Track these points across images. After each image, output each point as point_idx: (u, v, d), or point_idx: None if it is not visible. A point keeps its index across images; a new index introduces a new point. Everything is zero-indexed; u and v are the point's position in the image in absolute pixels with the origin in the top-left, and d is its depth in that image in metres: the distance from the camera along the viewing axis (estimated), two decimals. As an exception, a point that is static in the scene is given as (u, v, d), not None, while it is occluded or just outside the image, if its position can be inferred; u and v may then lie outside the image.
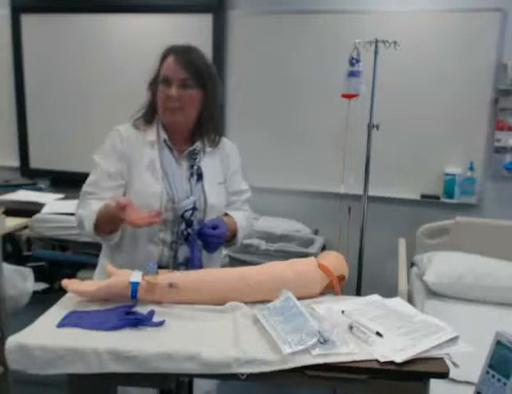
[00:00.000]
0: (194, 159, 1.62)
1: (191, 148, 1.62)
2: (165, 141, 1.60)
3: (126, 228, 1.55)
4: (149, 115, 1.62)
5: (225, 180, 1.70)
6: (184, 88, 1.53)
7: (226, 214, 1.68)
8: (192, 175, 1.60)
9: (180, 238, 1.57)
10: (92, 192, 1.56)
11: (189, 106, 1.55)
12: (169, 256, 1.58)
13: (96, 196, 1.54)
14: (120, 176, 1.57)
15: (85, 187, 1.59)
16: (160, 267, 1.46)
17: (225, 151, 1.72)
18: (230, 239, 1.66)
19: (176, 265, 1.58)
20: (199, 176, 1.61)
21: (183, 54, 1.54)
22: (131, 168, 1.57)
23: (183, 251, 1.58)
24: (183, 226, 1.56)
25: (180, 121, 1.57)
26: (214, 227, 1.54)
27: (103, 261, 1.66)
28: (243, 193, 1.77)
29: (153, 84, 1.58)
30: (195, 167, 1.61)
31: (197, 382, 1.66)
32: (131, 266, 1.42)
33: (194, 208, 1.57)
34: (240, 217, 1.70)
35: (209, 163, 1.65)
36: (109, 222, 1.46)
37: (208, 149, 1.65)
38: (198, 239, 1.56)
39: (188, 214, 1.56)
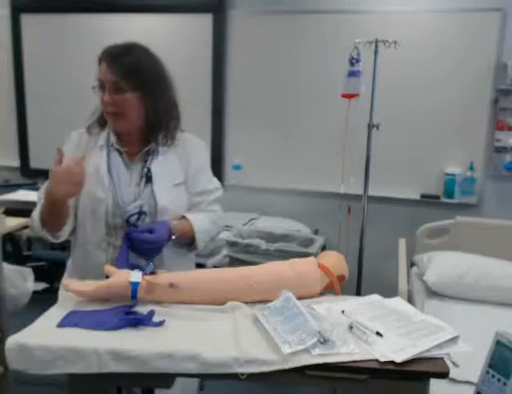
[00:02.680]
0: (145, 161, 1.57)
1: (144, 150, 1.58)
2: (112, 145, 1.57)
3: (77, 238, 1.57)
4: (102, 119, 1.60)
5: (185, 181, 1.62)
6: (117, 92, 1.48)
7: (184, 217, 1.58)
8: (141, 177, 1.56)
9: None
10: (43, 197, 1.54)
11: (127, 110, 1.50)
12: None
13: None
14: None
15: (38, 192, 1.60)
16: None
17: (185, 149, 1.63)
18: (191, 242, 1.61)
19: None
20: (149, 179, 1.55)
21: (113, 57, 1.50)
22: None
23: (132, 256, 1.51)
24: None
25: (121, 125, 1.53)
26: (150, 231, 1.46)
27: (69, 263, 1.67)
28: (210, 193, 1.68)
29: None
30: (145, 169, 1.56)
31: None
32: (84, 271, 1.45)
33: (140, 213, 1.52)
34: (200, 220, 1.61)
35: (163, 164, 1.58)
36: (50, 208, 1.45)
37: (161, 149, 1.58)
38: (127, 243, 1.47)
39: (133, 219, 1.51)
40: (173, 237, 1.52)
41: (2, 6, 3.85)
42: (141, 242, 1.46)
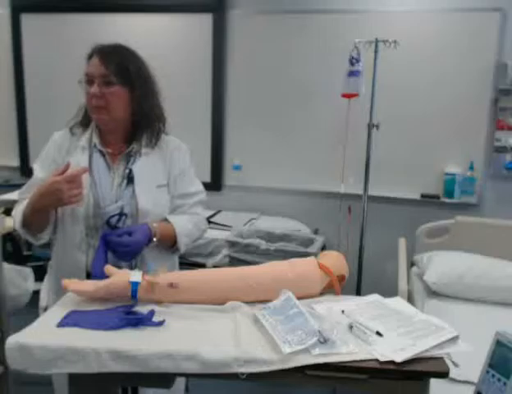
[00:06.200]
0: (127, 162, 1.57)
1: (127, 151, 1.58)
2: (95, 145, 1.57)
3: (57, 238, 1.56)
4: (86, 119, 1.60)
5: (168, 183, 1.62)
6: (106, 85, 1.49)
7: (166, 219, 1.59)
8: (123, 179, 1.55)
9: None
10: (24, 197, 1.55)
11: (113, 103, 1.50)
12: None
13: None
14: None
15: (19, 192, 1.61)
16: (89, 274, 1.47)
17: (168, 151, 1.63)
18: (172, 245, 1.61)
19: None
20: (130, 180, 1.54)
21: (105, 52, 1.51)
22: None
23: (111, 257, 1.50)
24: None
25: (106, 119, 1.52)
26: (130, 234, 1.46)
27: (50, 263, 1.68)
28: (192, 196, 1.68)
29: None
30: (126, 171, 1.55)
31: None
32: (64, 272, 1.43)
33: (121, 214, 1.51)
34: (183, 222, 1.61)
35: (146, 165, 1.57)
36: (35, 213, 1.45)
37: (144, 150, 1.58)
38: (104, 245, 1.47)
39: (114, 220, 1.51)
40: (154, 240, 1.52)
41: (2, 6, 3.85)
42: (117, 245, 1.45)
